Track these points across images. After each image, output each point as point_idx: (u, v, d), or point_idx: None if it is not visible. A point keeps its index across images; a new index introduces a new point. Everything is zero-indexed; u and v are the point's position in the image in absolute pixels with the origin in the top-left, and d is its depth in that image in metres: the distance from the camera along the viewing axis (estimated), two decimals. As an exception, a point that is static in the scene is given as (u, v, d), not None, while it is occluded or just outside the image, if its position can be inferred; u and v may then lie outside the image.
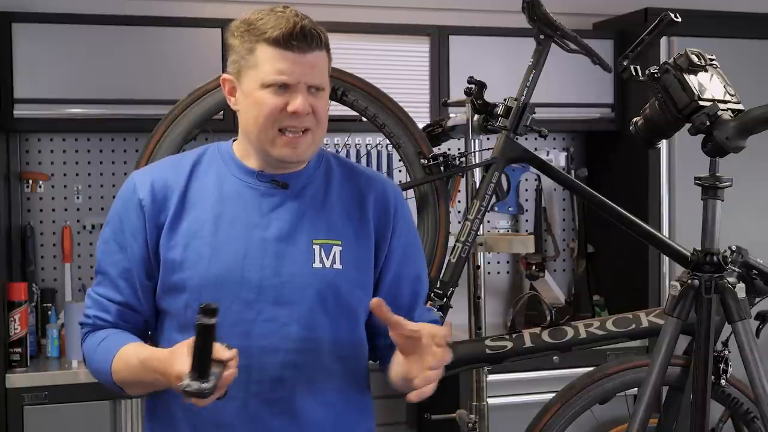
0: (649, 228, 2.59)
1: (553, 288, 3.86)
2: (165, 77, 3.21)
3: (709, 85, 2.04)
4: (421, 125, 2.75)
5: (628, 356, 2.71)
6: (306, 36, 1.67)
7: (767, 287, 2.28)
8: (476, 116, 2.66)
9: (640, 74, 2.14)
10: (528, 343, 2.43)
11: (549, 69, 2.57)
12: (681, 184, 3.56)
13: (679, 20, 2.17)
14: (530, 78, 2.54)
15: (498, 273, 3.97)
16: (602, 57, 2.56)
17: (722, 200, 2.04)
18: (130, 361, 1.69)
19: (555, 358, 3.16)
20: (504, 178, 2.88)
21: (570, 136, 4.00)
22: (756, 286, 2.26)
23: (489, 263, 3.88)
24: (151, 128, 2.51)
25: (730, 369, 2.25)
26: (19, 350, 3.09)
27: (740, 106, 2.06)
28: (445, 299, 2.46)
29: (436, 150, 2.67)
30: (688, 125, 2.04)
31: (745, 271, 2.24)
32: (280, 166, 1.75)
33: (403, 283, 1.83)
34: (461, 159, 2.65)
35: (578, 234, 3.93)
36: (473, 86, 2.63)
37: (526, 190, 3.91)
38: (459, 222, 2.58)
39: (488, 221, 3.45)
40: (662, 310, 2.21)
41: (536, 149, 3.65)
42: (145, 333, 1.81)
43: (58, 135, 3.46)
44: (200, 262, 1.70)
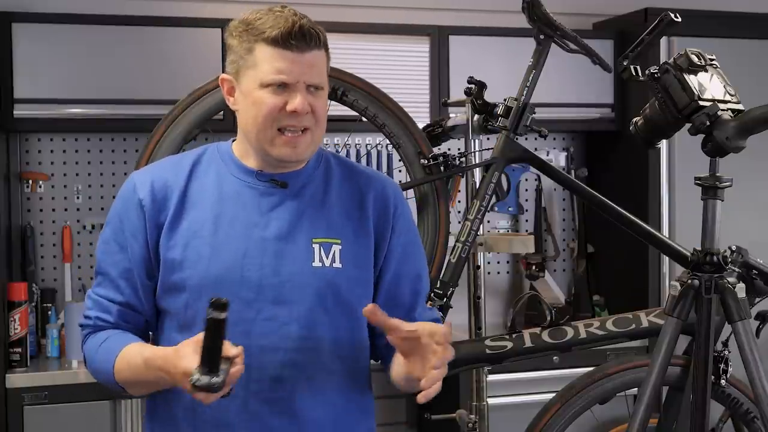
0: (649, 228, 2.59)
1: (553, 288, 3.86)
2: (165, 77, 3.21)
3: (709, 85, 2.04)
4: (421, 125, 2.75)
5: (628, 356, 2.71)
6: (305, 35, 1.67)
7: (767, 287, 2.28)
8: (476, 116, 2.66)
9: (640, 74, 2.14)
10: (528, 343, 2.43)
11: (549, 69, 2.57)
12: (681, 184, 3.56)
13: (679, 20, 2.17)
14: (530, 78, 2.55)
15: (498, 273, 3.97)
16: (602, 57, 2.56)
17: (722, 200, 2.04)
18: (133, 361, 1.69)
19: (555, 358, 3.16)
20: (504, 178, 2.88)
21: (570, 136, 4.00)
22: (756, 286, 2.26)
23: (489, 263, 3.87)
24: (151, 128, 2.51)
25: (730, 369, 2.25)
26: (19, 350, 3.09)
27: (740, 106, 2.06)
28: (445, 299, 2.46)
29: (436, 150, 2.67)
30: (688, 125, 2.04)
31: (745, 271, 2.24)
32: (280, 166, 1.75)
33: (404, 282, 1.83)
34: (461, 159, 2.65)
35: (578, 234, 3.92)
36: (473, 86, 2.63)
37: (526, 190, 3.91)
38: (459, 222, 2.58)
39: (488, 221, 3.45)
40: (662, 310, 2.21)
41: (536, 149, 3.65)
42: (146, 333, 1.81)
43: (58, 135, 3.46)
44: (200, 262, 1.70)
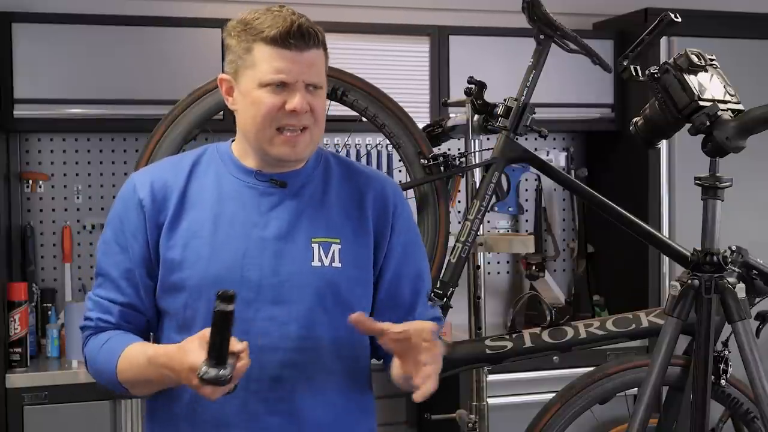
0: (649, 228, 2.59)
1: (553, 288, 3.85)
2: (165, 77, 3.21)
3: (709, 85, 2.04)
4: (421, 125, 2.75)
5: (628, 356, 2.70)
6: (303, 34, 1.67)
7: (767, 287, 2.28)
8: (476, 116, 2.66)
9: (640, 74, 2.14)
10: (528, 343, 2.43)
11: (549, 69, 2.56)
12: (681, 184, 3.56)
13: (679, 20, 2.16)
14: (530, 78, 2.54)
15: (498, 273, 3.96)
16: (602, 57, 2.56)
17: (722, 200, 2.04)
18: (137, 360, 1.68)
19: (555, 358, 3.16)
20: (504, 178, 2.87)
21: (570, 136, 4.00)
22: (756, 286, 2.26)
23: (489, 263, 3.87)
24: (151, 128, 2.51)
25: (730, 369, 2.25)
26: (19, 350, 3.09)
27: (740, 106, 2.06)
28: (445, 299, 2.45)
29: (436, 150, 2.67)
30: (688, 125, 2.03)
31: (745, 271, 2.24)
32: (279, 165, 1.75)
33: (404, 282, 1.83)
34: (461, 159, 2.65)
35: (578, 234, 3.92)
36: (473, 86, 2.63)
37: (526, 190, 3.91)
38: (459, 222, 2.57)
39: (488, 221, 3.45)
40: (662, 310, 2.21)
41: (536, 149, 3.65)
42: (148, 334, 1.80)
43: (58, 135, 3.46)
44: (199, 262, 1.70)
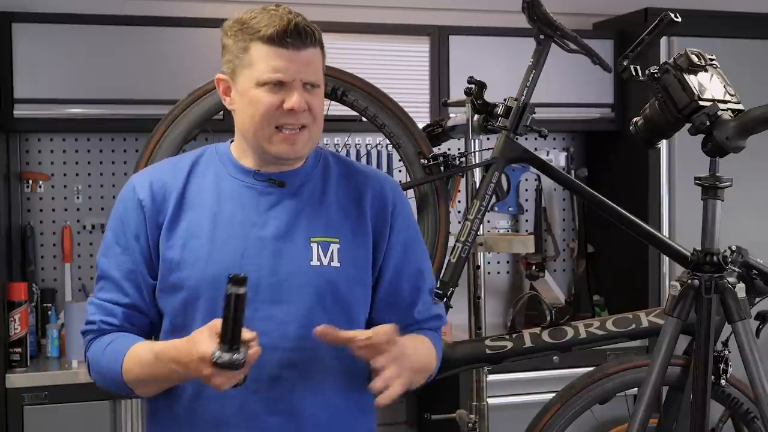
0: (649, 228, 2.59)
1: (553, 288, 3.86)
2: (165, 77, 3.21)
3: (709, 85, 2.04)
4: (421, 125, 2.75)
5: (628, 356, 2.70)
6: (300, 33, 1.67)
7: (767, 287, 2.28)
8: (476, 116, 2.66)
9: (640, 74, 2.14)
10: (528, 343, 2.43)
11: (549, 69, 2.56)
12: (681, 184, 3.56)
13: (679, 20, 2.16)
14: (530, 78, 2.54)
15: (498, 273, 3.96)
16: (602, 57, 2.56)
17: (722, 200, 2.04)
18: (144, 357, 1.68)
19: (555, 358, 3.16)
20: (504, 178, 2.87)
21: (570, 136, 4.00)
22: (756, 286, 2.26)
23: (489, 263, 3.87)
24: (151, 128, 2.51)
25: (730, 369, 2.24)
26: (19, 350, 3.09)
27: (740, 106, 2.06)
28: (445, 299, 2.45)
29: (436, 150, 2.66)
30: (688, 125, 2.03)
31: (745, 271, 2.24)
32: (278, 164, 1.75)
33: (404, 280, 1.83)
34: (461, 159, 2.65)
35: (578, 234, 3.92)
36: (473, 86, 2.63)
37: (526, 190, 3.91)
38: (459, 222, 2.57)
39: (488, 221, 3.44)
40: (662, 310, 2.21)
41: (536, 149, 3.65)
42: (150, 336, 1.79)
43: (58, 135, 3.46)
44: (198, 262, 1.70)
